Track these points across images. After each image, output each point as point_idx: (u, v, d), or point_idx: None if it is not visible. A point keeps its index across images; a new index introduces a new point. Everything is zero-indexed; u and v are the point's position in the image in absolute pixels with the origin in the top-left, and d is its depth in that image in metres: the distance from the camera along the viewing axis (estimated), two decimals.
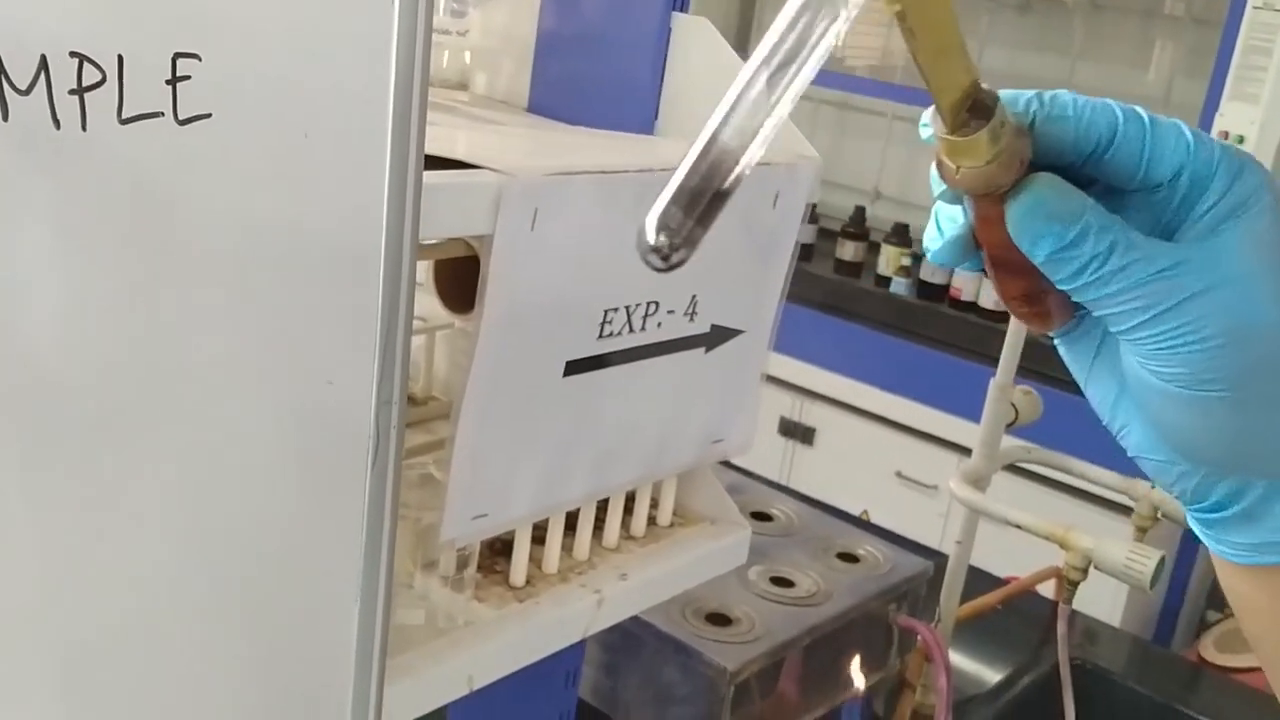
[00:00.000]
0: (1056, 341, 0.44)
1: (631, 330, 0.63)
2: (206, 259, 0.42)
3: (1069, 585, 1.02)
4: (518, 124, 0.74)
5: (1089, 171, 0.39)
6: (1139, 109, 0.38)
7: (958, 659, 1.20)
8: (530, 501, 0.62)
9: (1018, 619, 1.34)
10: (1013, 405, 1.08)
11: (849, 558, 1.09)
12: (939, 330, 2.48)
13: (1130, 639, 1.44)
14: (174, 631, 0.52)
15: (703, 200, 0.31)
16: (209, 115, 0.40)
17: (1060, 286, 0.38)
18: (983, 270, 0.42)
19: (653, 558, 0.73)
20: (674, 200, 0.32)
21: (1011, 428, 1.08)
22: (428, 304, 0.81)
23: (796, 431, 2.68)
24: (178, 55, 0.38)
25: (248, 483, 0.50)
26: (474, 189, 0.51)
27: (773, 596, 1.00)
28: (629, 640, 0.94)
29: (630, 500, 0.75)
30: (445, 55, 0.81)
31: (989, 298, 2.49)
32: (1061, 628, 1.01)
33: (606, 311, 0.60)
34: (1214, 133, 2.01)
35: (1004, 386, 1.07)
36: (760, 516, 1.16)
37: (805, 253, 2.78)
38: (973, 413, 1.10)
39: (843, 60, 3.09)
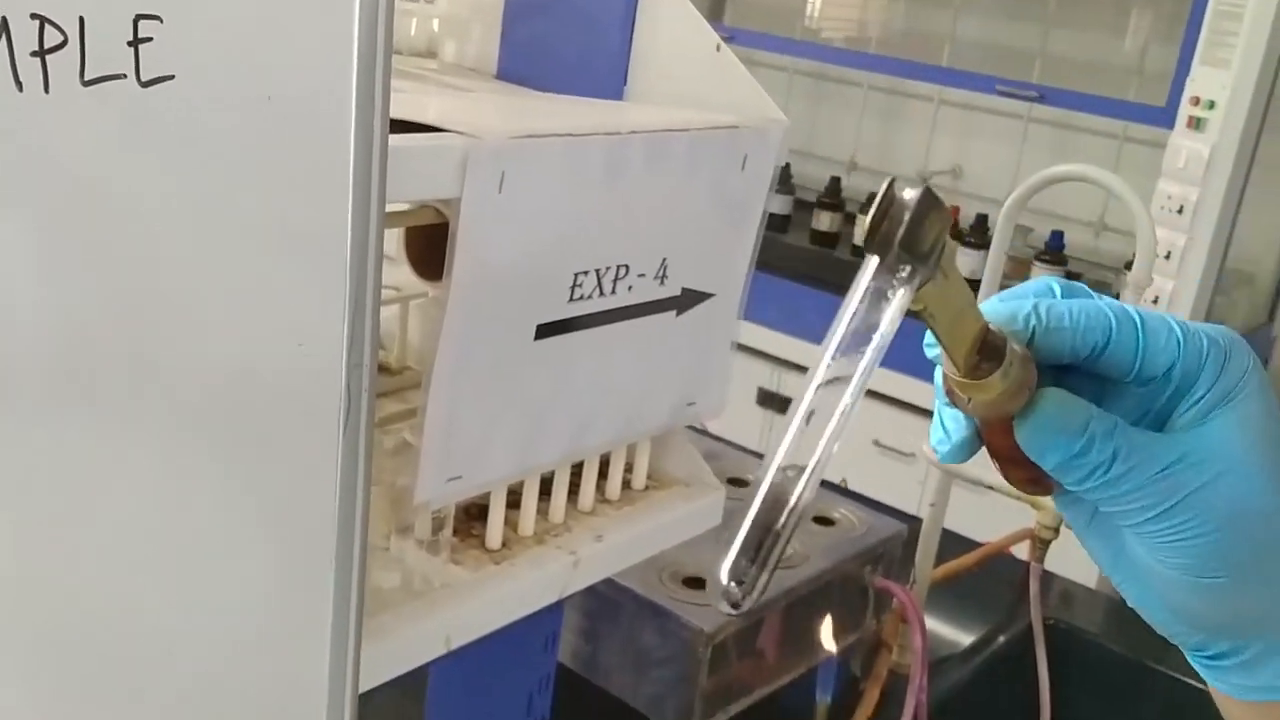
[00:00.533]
0: (1054, 499, 0.46)
1: (602, 293, 0.63)
2: (170, 221, 0.43)
3: (1040, 544, 1.03)
4: (486, 90, 0.74)
5: (1085, 367, 0.41)
6: (1130, 309, 0.41)
7: (933, 621, 1.21)
8: (505, 464, 0.62)
9: (993, 581, 1.35)
10: None
11: (825, 521, 1.11)
12: None
13: (1105, 599, 1.45)
14: (146, 599, 0.52)
15: (764, 546, 0.35)
16: (171, 77, 0.40)
17: (1069, 489, 0.41)
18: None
19: (628, 520, 0.73)
20: (743, 550, 0.35)
21: None
22: (402, 275, 0.82)
23: (774, 402, 2.69)
24: (139, 16, 0.38)
25: (218, 448, 0.50)
26: (440, 152, 0.51)
27: None
28: (607, 605, 0.95)
29: (605, 464, 0.76)
30: (413, 23, 0.81)
31: (964, 267, 2.51)
32: (1034, 586, 1.02)
33: (576, 275, 0.61)
34: (1185, 98, 2.02)
35: None
36: (736, 482, 1.16)
37: (781, 224, 2.79)
38: None
39: (818, 31, 3.09)
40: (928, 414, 1.44)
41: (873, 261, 0.36)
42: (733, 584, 0.34)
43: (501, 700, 0.88)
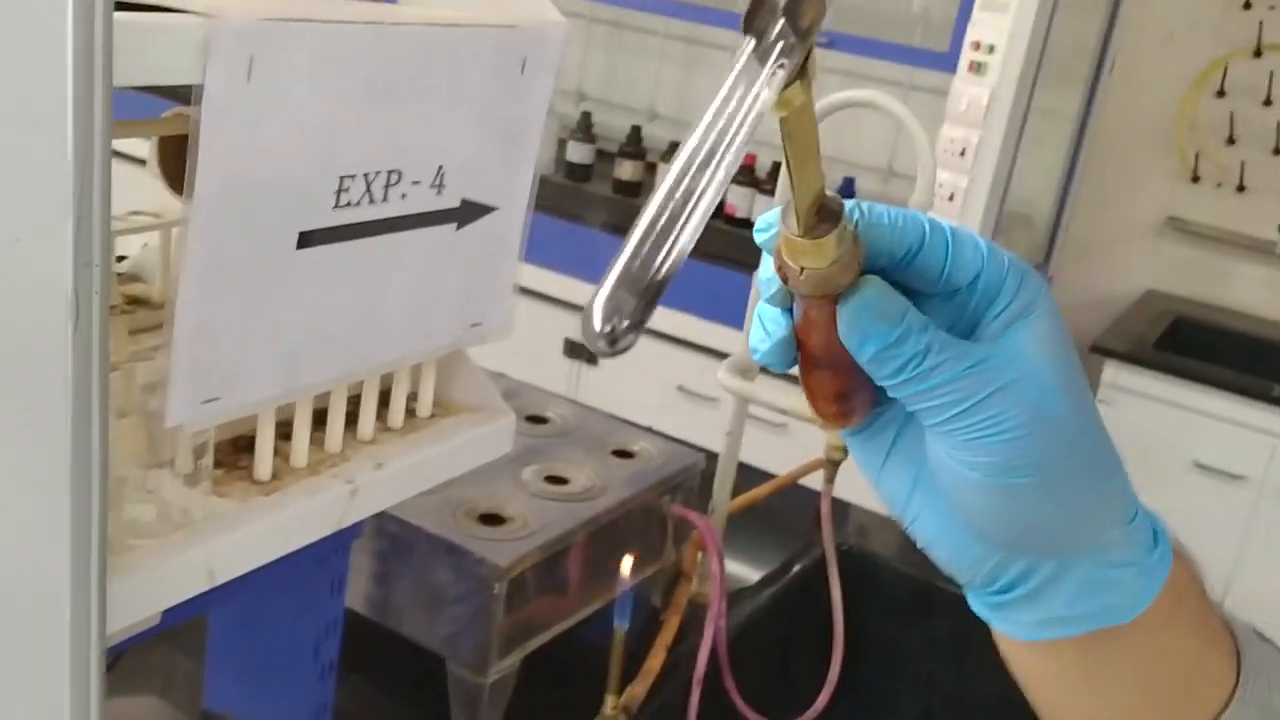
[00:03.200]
0: (849, 439, 0.47)
1: (373, 201, 0.59)
2: None
3: (831, 465, 1.05)
4: None
5: (896, 276, 0.42)
6: (941, 221, 0.42)
7: (733, 554, 1.22)
8: (269, 384, 0.58)
9: (790, 513, 1.38)
10: None
11: (624, 454, 1.10)
12: (716, 246, 2.51)
13: (898, 527, 1.50)
14: None
15: (643, 282, 0.33)
16: None
17: (882, 382, 0.41)
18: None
19: (411, 447, 0.70)
20: (618, 284, 0.32)
21: None
22: (164, 201, 0.76)
23: (582, 352, 2.68)
24: None
25: None
26: (176, 31, 0.47)
27: (547, 494, 0.99)
28: (398, 546, 0.92)
29: (387, 393, 0.72)
30: None
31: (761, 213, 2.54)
32: (825, 505, 1.04)
33: (342, 179, 0.57)
34: (967, 42, 2.09)
35: None
36: (536, 420, 1.15)
37: (583, 173, 2.77)
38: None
39: None
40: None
41: (748, 45, 0.36)
42: (609, 323, 0.32)
43: (287, 647, 0.84)
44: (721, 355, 2.40)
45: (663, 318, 2.54)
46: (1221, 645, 0.45)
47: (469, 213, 0.67)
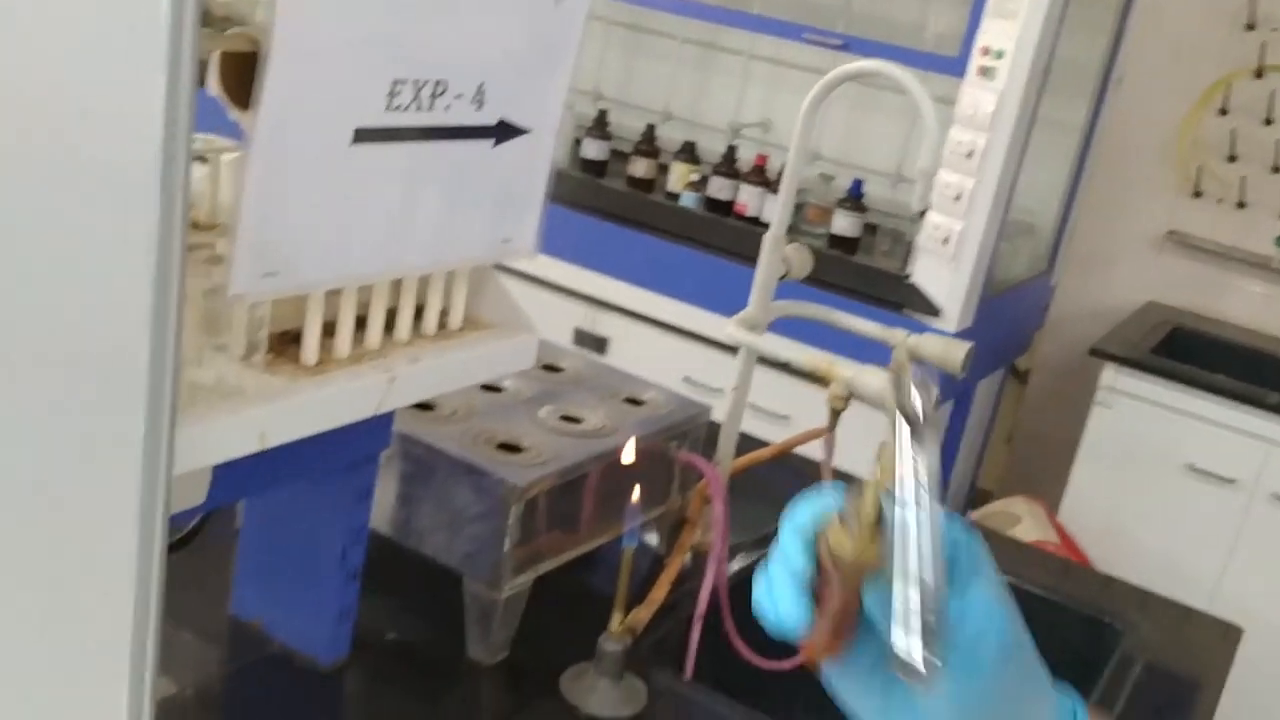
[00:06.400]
0: (834, 673, 0.56)
1: (420, 108, 0.65)
2: None
3: (833, 414, 1.10)
4: None
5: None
6: None
7: (735, 510, 1.27)
8: (321, 265, 0.64)
9: (792, 476, 1.43)
10: (784, 259, 1.14)
11: (634, 402, 1.15)
12: (726, 241, 2.57)
13: None
14: None
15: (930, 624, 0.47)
16: None
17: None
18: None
19: (443, 349, 0.76)
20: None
21: (784, 280, 1.15)
22: (212, 128, 0.81)
23: (590, 342, 2.73)
24: None
25: (27, 220, 0.50)
26: None
27: (561, 430, 1.04)
28: (421, 468, 0.97)
29: (421, 309, 0.78)
30: None
31: (771, 213, 2.60)
32: (824, 454, 1.09)
33: (395, 82, 0.62)
34: (976, 47, 2.15)
35: (777, 239, 1.14)
36: (551, 369, 1.20)
37: (599, 169, 2.83)
38: None
39: None
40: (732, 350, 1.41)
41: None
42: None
43: (315, 552, 0.89)
44: (730, 349, 2.46)
45: (669, 309, 2.59)
46: None
47: (505, 132, 0.72)
